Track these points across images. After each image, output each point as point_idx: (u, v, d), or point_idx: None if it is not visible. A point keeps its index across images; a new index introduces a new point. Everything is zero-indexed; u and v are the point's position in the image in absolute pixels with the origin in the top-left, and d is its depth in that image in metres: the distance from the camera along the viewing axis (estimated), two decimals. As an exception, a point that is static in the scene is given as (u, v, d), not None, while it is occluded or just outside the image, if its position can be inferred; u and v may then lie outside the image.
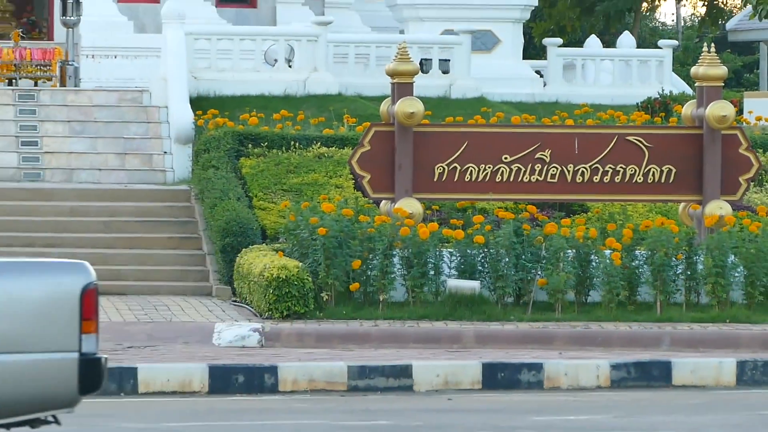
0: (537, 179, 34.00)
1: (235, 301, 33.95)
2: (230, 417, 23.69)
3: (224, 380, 26.33)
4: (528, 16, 51.12)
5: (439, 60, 46.76)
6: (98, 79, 45.23)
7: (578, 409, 24.57)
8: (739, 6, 61.09)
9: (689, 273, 32.59)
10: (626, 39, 51.56)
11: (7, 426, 15.51)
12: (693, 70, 35.67)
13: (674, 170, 34.12)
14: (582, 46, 51.45)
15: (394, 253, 32.41)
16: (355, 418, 23.69)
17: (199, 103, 42.69)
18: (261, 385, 26.34)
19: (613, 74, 49.54)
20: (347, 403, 25.33)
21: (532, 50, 51.76)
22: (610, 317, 31.93)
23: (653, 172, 34.16)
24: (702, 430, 22.48)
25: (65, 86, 44.73)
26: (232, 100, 43.95)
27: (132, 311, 32.66)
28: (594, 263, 32.60)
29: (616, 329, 31.02)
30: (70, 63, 45.87)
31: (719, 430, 22.65)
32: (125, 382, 26.00)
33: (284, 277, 31.74)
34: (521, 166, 33.94)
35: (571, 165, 34.03)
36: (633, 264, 32.66)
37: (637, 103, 46.15)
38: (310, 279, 31.85)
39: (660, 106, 44.70)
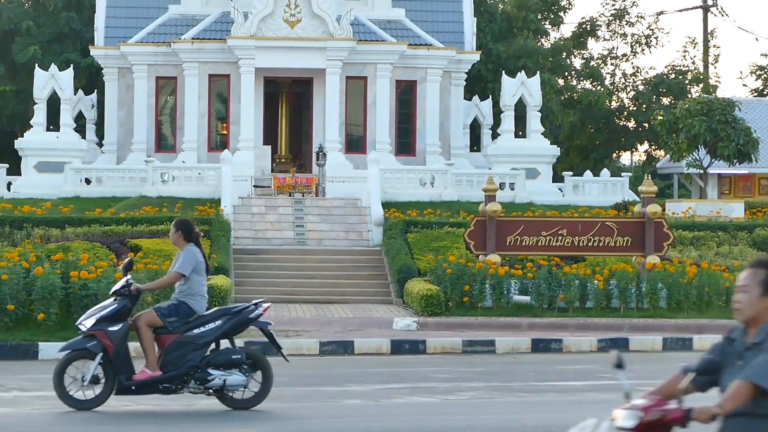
0: (559, 244, 33.88)
1: (404, 306, 33.91)
2: (401, 365, 23.68)
3: (398, 347, 26.32)
4: (555, 160, 50.80)
5: (509, 183, 46.59)
6: (334, 193, 45.28)
7: (580, 362, 24.42)
8: (663, 155, 60.56)
9: (638, 292, 32.34)
10: (605, 171, 51.09)
11: None
12: (639, 188, 35.51)
13: (630, 239, 33.91)
14: (582, 176, 51.02)
15: (486, 282, 32.35)
16: (464, 365, 23.66)
17: (386, 205, 42.67)
18: (417, 349, 26.32)
19: (598, 190, 49.15)
20: (461, 359, 25.29)
21: (556, 178, 51.41)
22: (597, 315, 31.72)
23: (619, 241, 33.94)
24: (646, 372, 22.31)
25: (318, 197, 44.86)
26: (402, 203, 43.89)
27: (351, 312, 32.66)
28: (588, 287, 32.43)
29: (600, 321, 30.80)
30: (320, 185, 46.05)
31: (656, 372, 22.48)
32: (347, 348, 26.04)
33: (429, 294, 31.71)
34: (551, 237, 33.82)
35: (577, 237, 33.89)
36: (609, 288, 32.47)
37: (611, 205, 45.88)
38: (443, 295, 31.78)
39: (622, 207, 44.40)
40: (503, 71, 53.82)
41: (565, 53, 64.52)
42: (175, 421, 16.47)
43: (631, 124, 65.46)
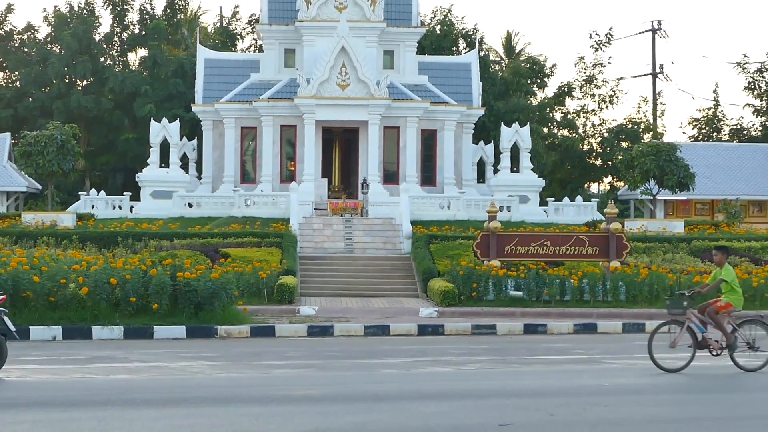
0: (544, 252, 33.74)
1: (428, 299, 33.82)
2: (426, 343, 23.60)
3: (423, 330, 26.23)
4: (541, 189, 50.58)
5: (506, 206, 46.42)
6: (375, 214, 45.27)
7: (560, 341, 24.28)
8: (622, 185, 60.24)
9: (603, 289, 32.16)
10: (578, 198, 50.81)
11: None
12: (605, 210, 35.30)
13: (598, 249, 33.75)
14: (561, 201, 50.82)
15: (489, 280, 32.24)
16: (472, 343, 23.56)
17: (414, 223, 42.63)
18: (437, 332, 26.24)
19: (574, 212, 48.93)
20: (470, 339, 25.19)
21: (542, 202, 51.22)
22: (572, 306, 31.56)
23: (589, 250, 33.79)
24: (610, 349, 22.19)
25: (362, 217, 44.84)
26: (426, 222, 43.80)
27: (388, 303, 32.61)
28: (566, 284, 32.28)
29: (575, 310, 30.63)
30: (364, 208, 46.02)
31: (616, 349, 22.35)
32: (385, 330, 25.98)
33: (447, 289, 31.63)
34: (538, 247, 33.69)
35: (558, 246, 33.76)
36: (582, 285, 32.32)
37: (583, 223, 45.67)
38: (456, 290, 31.71)
39: (592, 224, 44.18)
40: (502, 122, 53.87)
41: (548, 109, 64.48)
42: (252, 384, 16.47)
43: (599, 162, 65.29)
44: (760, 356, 18.11)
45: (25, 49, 64.81)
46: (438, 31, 63.50)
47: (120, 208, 48.00)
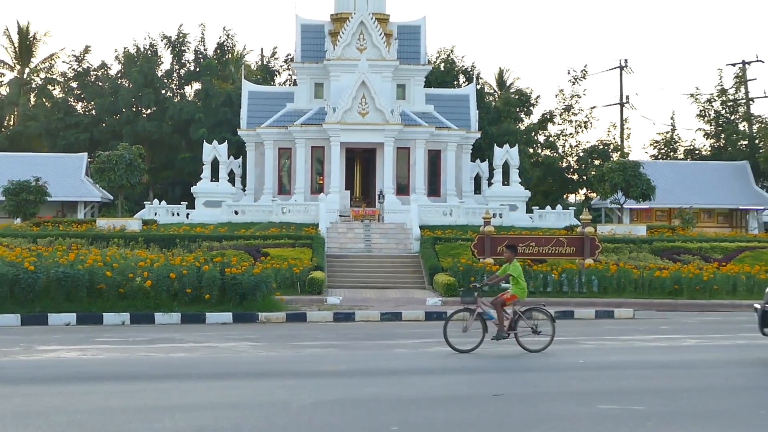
0: (530, 251, 33.68)
1: (433, 291, 33.75)
2: (432, 328, 23.47)
3: (429, 316, 26.11)
4: (527, 199, 50.50)
5: (499, 213, 46.30)
6: (390, 220, 45.22)
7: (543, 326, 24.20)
8: (595, 196, 60.03)
9: (579, 282, 32.12)
10: (558, 207, 50.71)
11: None
12: (580, 217, 35.28)
13: (575, 248, 33.69)
14: (544, 209, 50.63)
15: (484, 275, 32.16)
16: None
17: (422, 227, 42.54)
18: (441, 317, 26.13)
19: (555, 218, 48.76)
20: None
21: (528, 210, 51.02)
22: (554, 296, 31.47)
23: (568, 249, 33.73)
24: (584, 332, 22.10)
25: (379, 222, 44.80)
26: (432, 226, 43.72)
27: (400, 294, 32.50)
28: (548, 278, 32.19)
29: (556, 300, 30.54)
30: (381, 215, 45.97)
31: (590, 332, 22.25)
32: (398, 316, 25.93)
33: (449, 282, 31.55)
34: (525, 247, 33.62)
35: (542, 246, 33.70)
36: (561, 279, 32.24)
37: (563, 227, 45.50)
38: (457, 283, 31.61)
39: (570, 228, 44.00)
40: (495, 144, 53.82)
41: (533, 132, 64.40)
42: (287, 360, 16.45)
43: (575, 177, 65.16)
44: (542, 340, 17.89)
45: (100, 83, 65.23)
46: (442, 68, 63.55)
47: (178, 215, 48.09)
